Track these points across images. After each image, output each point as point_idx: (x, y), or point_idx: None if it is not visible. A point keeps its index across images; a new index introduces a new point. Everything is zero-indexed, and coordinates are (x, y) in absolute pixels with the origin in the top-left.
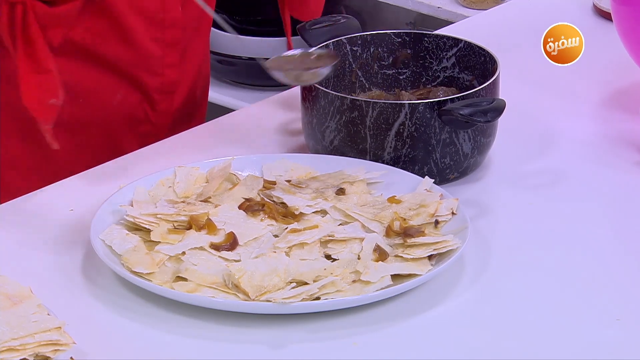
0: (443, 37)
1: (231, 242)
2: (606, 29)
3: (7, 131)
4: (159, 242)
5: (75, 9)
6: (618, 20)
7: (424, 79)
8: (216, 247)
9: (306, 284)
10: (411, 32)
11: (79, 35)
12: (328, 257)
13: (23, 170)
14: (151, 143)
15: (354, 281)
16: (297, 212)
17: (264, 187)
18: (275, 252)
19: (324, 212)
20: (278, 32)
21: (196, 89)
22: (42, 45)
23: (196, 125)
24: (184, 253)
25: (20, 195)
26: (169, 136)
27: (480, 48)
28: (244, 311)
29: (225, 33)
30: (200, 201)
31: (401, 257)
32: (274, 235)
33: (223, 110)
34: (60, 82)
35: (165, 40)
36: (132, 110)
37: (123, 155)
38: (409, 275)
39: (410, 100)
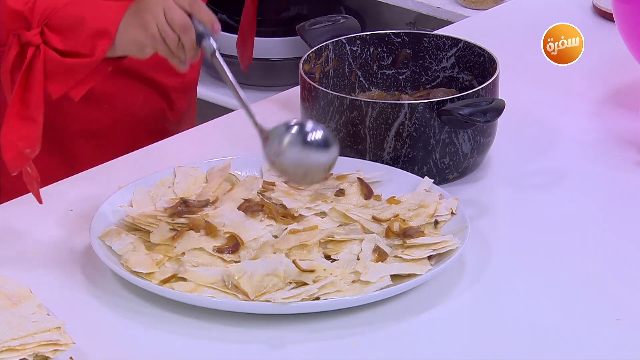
0: (442, 37)
1: (233, 245)
2: (606, 29)
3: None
4: (159, 243)
5: (88, 67)
6: (619, 18)
7: (424, 79)
8: (220, 250)
9: (306, 284)
10: (411, 32)
11: None
12: (327, 257)
13: (50, 180)
14: None
15: (353, 281)
16: (296, 214)
17: (263, 188)
18: (274, 252)
19: (323, 213)
20: (278, 32)
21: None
22: (38, 94)
23: (193, 120)
24: (183, 254)
25: None
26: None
27: (480, 48)
28: (243, 311)
29: (226, 33)
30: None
31: (400, 257)
32: (273, 236)
33: (223, 110)
34: (41, 136)
35: None
36: (152, 110)
37: None
38: (409, 276)
39: (410, 100)
